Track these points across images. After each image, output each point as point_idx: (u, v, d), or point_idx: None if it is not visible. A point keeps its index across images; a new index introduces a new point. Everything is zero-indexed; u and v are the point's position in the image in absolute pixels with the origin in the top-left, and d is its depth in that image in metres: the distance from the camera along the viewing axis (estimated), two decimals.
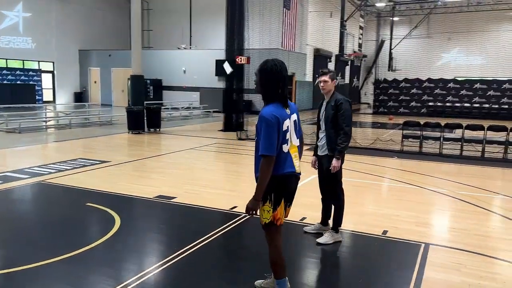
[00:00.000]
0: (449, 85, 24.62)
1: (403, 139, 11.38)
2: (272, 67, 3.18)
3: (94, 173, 8.08)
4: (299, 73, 26.69)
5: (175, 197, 6.48)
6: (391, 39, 32.82)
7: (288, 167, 3.26)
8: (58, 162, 8.89)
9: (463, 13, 35.78)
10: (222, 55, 24.43)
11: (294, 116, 3.33)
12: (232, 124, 15.61)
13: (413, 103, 25.26)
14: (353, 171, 8.63)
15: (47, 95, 27.43)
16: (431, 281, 3.94)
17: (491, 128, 10.75)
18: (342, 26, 19.63)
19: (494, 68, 32.73)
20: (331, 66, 31.91)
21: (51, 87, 27.91)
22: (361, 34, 37.45)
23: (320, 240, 4.86)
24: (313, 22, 28.23)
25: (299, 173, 3.37)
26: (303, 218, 5.65)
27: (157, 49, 28.89)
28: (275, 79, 3.18)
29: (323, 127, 4.87)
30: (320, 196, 5.11)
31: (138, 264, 4.22)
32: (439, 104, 24.65)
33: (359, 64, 38.15)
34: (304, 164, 3.94)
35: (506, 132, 10.57)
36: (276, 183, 3.22)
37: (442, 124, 11.26)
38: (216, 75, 25.33)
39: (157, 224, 5.50)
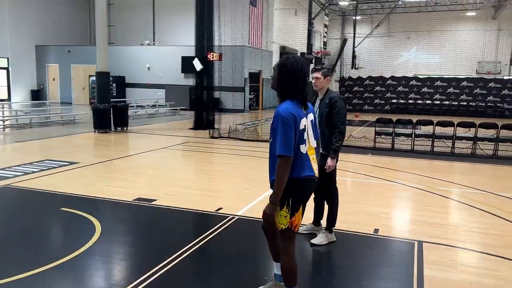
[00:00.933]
0: (411, 82, 25.34)
1: (376, 136, 11.51)
2: (293, 64, 3.02)
3: (64, 175, 7.61)
4: (266, 70, 26.62)
5: (155, 199, 6.18)
6: (354, 37, 33.35)
7: (307, 170, 3.07)
8: (23, 164, 8.33)
9: (421, 13, 36.93)
10: (188, 52, 24.10)
11: (311, 116, 3.16)
12: (203, 122, 15.30)
13: (377, 100, 25.83)
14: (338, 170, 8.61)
15: (1, 93, 25.94)
16: (433, 280, 3.90)
17: (460, 124, 11.05)
18: (310, 23, 19.64)
19: (452, 66, 33.99)
20: None
21: (6, 84, 26.42)
22: (326, 32, 37.88)
23: (315, 240, 4.74)
24: (279, 20, 28.22)
25: (317, 177, 3.18)
26: None
27: (119, 45, 27.95)
28: (295, 77, 3.02)
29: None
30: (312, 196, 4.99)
31: (126, 275, 3.93)
32: (402, 101, 25.33)
33: (324, 62, 38.60)
34: None
35: (472, 128, 10.93)
36: (294, 187, 3.03)
37: (414, 121, 11.47)
38: (182, 72, 24.82)
39: (141, 229, 5.20)
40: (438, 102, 24.61)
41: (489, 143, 10.82)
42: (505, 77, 27.58)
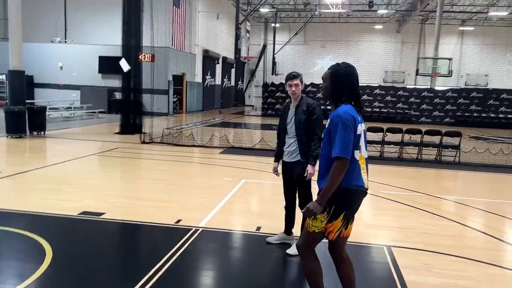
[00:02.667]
0: None
1: None
2: (346, 69, 3.00)
3: None
4: (189, 73, 26.08)
5: (103, 213, 5.60)
6: (274, 44, 34.15)
7: (357, 180, 2.96)
8: None
9: (336, 23, 39.07)
10: (106, 51, 22.79)
11: (364, 125, 3.06)
12: (130, 127, 14.44)
13: None
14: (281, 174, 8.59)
15: None
16: (415, 285, 3.96)
17: (389, 130, 11.70)
18: (237, 28, 19.62)
19: (364, 75, 36.30)
20: (218, 68, 31.97)
21: None
22: (248, 38, 38.27)
23: (290, 251, 4.60)
24: (202, 23, 27.88)
25: (367, 188, 3.06)
26: (259, 228, 5.34)
27: (25, 41, 25.41)
28: (351, 82, 2.99)
29: (292, 132, 4.61)
30: (283, 204, 4.87)
31: None
32: (322, 107, 26.31)
33: (244, 67, 38.98)
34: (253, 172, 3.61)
35: (399, 134, 11.63)
36: (340, 196, 2.91)
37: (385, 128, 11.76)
38: (99, 72, 23.37)
39: (99, 248, 4.61)
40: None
41: (414, 148, 11.62)
42: (408, 86, 30.02)
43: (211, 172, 9.07)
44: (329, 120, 2.98)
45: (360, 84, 3.13)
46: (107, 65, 22.64)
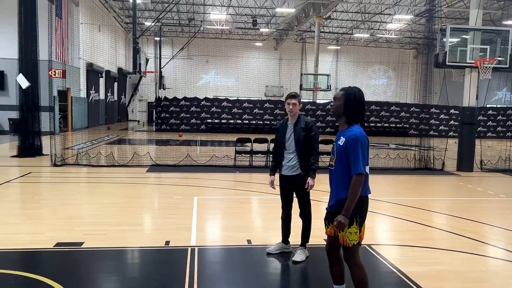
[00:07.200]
0: (223, 104, 27.19)
1: (237, 154, 12.15)
2: (359, 92, 3.44)
3: None
4: (74, 88, 24.28)
5: (82, 242, 5.21)
6: (160, 58, 33.68)
7: (368, 189, 3.48)
8: None
9: (218, 39, 40.15)
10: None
11: None
12: (29, 148, 13.01)
13: (193, 120, 26.69)
14: (221, 188, 8.81)
15: None
16: (414, 275, 4.62)
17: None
18: (135, 42, 19.06)
19: (245, 90, 37.97)
20: (102, 82, 30.35)
21: None
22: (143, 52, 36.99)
23: (296, 258, 4.93)
24: (85, 35, 26.24)
25: None
26: (249, 241, 5.54)
27: None
28: (362, 105, 3.42)
29: (291, 147, 4.95)
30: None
31: None
32: (216, 121, 26.88)
33: (126, 81, 37.56)
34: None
35: None
36: (359, 205, 3.33)
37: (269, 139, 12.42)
38: None
39: (116, 279, 4.27)
40: (246, 121, 27.13)
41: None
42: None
43: (156, 191, 8.83)
44: (343, 138, 3.37)
45: (241, 98, 3.63)
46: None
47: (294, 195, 5.05)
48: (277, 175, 5.09)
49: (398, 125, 28.09)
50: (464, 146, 12.56)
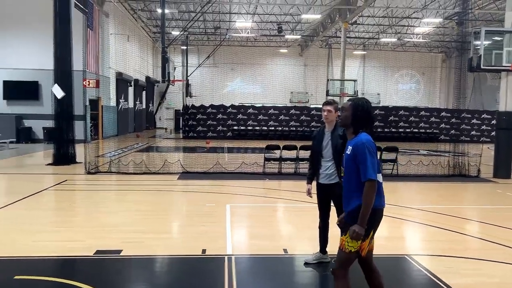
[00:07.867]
0: (249, 110, 27.29)
1: (265, 162, 12.13)
2: (367, 103, 3.48)
3: None
4: (105, 97, 24.86)
5: (120, 250, 5.28)
6: (186, 66, 34.13)
7: (382, 201, 3.42)
8: None
9: (243, 47, 40.42)
10: (14, 75, 20.82)
11: None
12: (63, 156, 13.36)
13: (219, 127, 26.88)
14: (252, 196, 8.81)
15: None
16: (463, 286, 4.47)
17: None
18: (164, 52, 19.40)
19: (271, 96, 37.99)
20: (131, 91, 31.00)
21: None
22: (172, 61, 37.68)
23: (309, 260, 4.96)
24: (114, 45, 26.90)
25: (384, 206, 3.49)
26: (286, 250, 5.49)
27: None
28: (370, 115, 3.45)
29: (328, 155, 4.89)
30: (317, 225, 5.11)
31: None
32: (242, 127, 26.98)
33: (154, 90, 38.24)
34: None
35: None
36: (373, 215, 3.26)
37: (298, 146, 12.38)
38: (4, 98, 21.19)
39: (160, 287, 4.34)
40: (272, 128, 27.12)
41: None
42: (312, 106, 32.11)
43: (188, 199, 8.90)
44: (350, 147, 3.37)
45: (267, 105, 3.58)
46: (15, 90, 20.86)
47: (332, 203, 4.99)
48: (314, 183, 5.04)
49: (428, 131, 27.48)
50: (500, 152, 12.16)
